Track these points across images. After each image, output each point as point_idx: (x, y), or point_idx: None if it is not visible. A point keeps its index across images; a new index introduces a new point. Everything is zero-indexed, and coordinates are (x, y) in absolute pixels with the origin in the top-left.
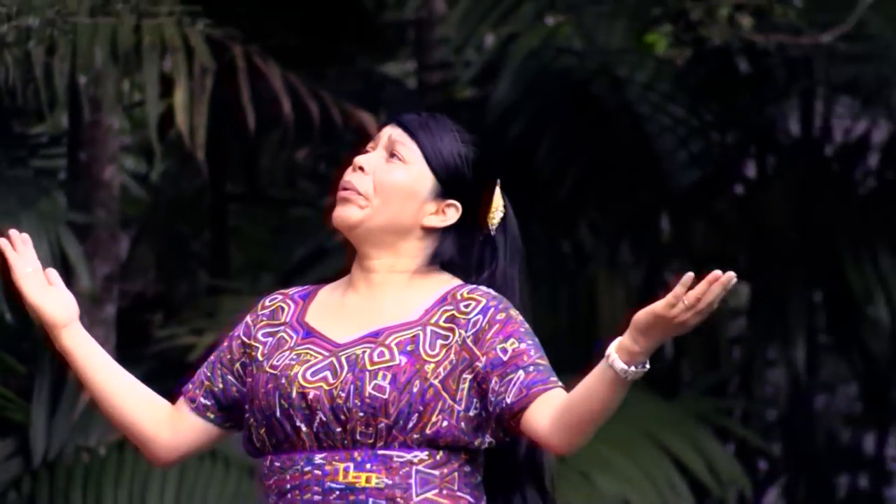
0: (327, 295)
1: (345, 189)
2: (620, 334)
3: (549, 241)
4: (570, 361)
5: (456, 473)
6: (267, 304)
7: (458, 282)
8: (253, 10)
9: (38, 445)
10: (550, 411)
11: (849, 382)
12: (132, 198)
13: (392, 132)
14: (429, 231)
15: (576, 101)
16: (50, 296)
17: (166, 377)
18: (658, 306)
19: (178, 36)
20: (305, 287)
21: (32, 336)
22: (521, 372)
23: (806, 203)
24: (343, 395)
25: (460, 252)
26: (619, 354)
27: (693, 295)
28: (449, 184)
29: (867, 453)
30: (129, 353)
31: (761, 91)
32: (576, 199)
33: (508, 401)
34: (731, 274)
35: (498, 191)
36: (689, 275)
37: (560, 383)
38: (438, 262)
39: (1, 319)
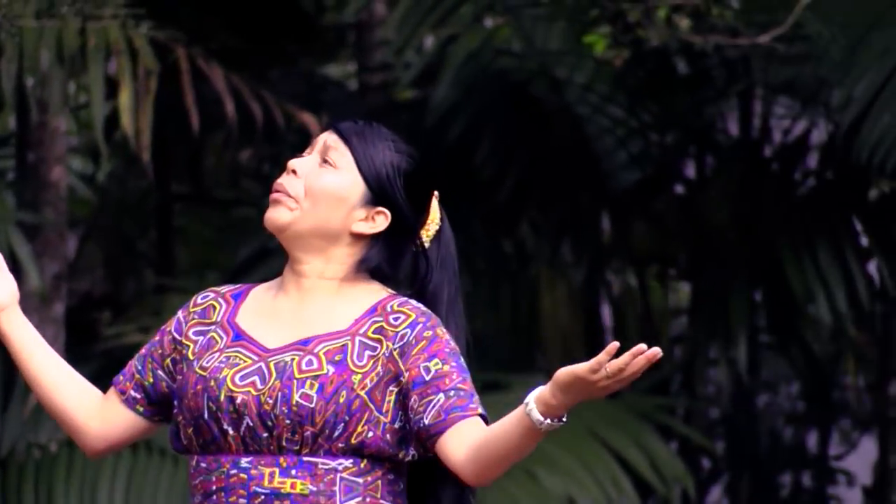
0: (260, 296)
1: (276, 191)
2: (562, 336)
3: (490, 240)
4: (512, 360)
5: (380, 481)
6: (199, 301)
7: (388, 293)
8: (195, 13)
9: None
10: (466, 442)
11: (790, 381)
12: (79, 198)
13: (328, 138)
14: (358, 238)
15: (515, 103)
16: None
17: (114, 374)
18: (580, 369)
19: (122, 39)
20: (238, 286)
21: None
22: (441, 395)
23: (746, 203)
24: (270, 401)
25: (390, 261)
26: (538, 405)
27: (616, 365)
28: (379, 191)
29: (810, 452)
30: (77, 351)
31: (700, 92)
32: (517, 199)
33: (426, 422)
34: (657, 350)
35: (435, 203)
36: (615, 344)
37: (480, 409)
38: (366, 268)
39: None
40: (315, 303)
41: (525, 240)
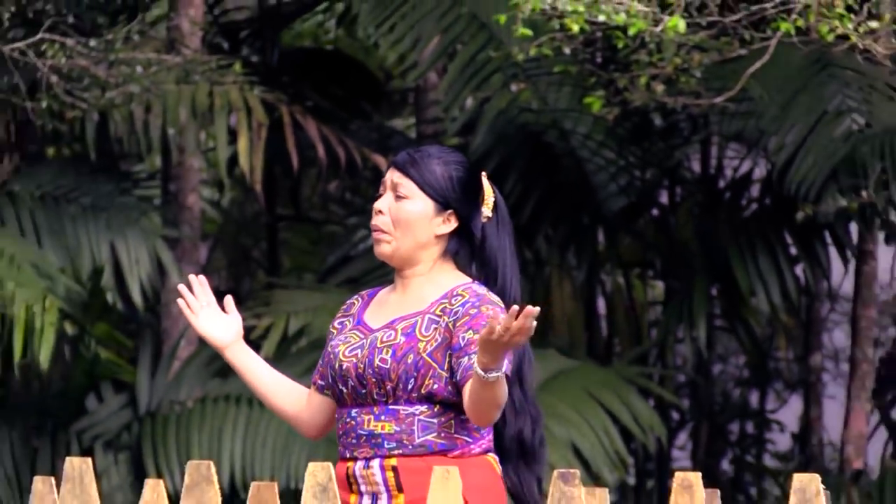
0: (383, 294)
1: (374, 231)
2: (568, 321)
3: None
4: (531, 338)
5: (453, 421)
6: (348, 303)
7: (464, 280)
8: (295, 79)
9: (143, 399)
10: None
11: (738, 354)
12: (209, 218)
13: (392, 175)
14: (440, 237)
15: (533, 147)
16: (215, 324)
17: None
18: (484, 333)
19: (240, 99)
20: (374, 288)
21: (138, 320)
22: (465, 358)
23: (705, 222)
24: (362, 366)
25: (467, 242)
26: (478, 364)
27: (504, 324)
28: (443, 200)
29: (752, 407)
30: None
31: (671, 139)
32: (534, 219)
33: (457, 378)
34: (533, 309)
35: (486, 183)
36: (514, 308)
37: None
38: (450, 255)
39: (115, 308)
40: (412, 292)
41: (540, 249)
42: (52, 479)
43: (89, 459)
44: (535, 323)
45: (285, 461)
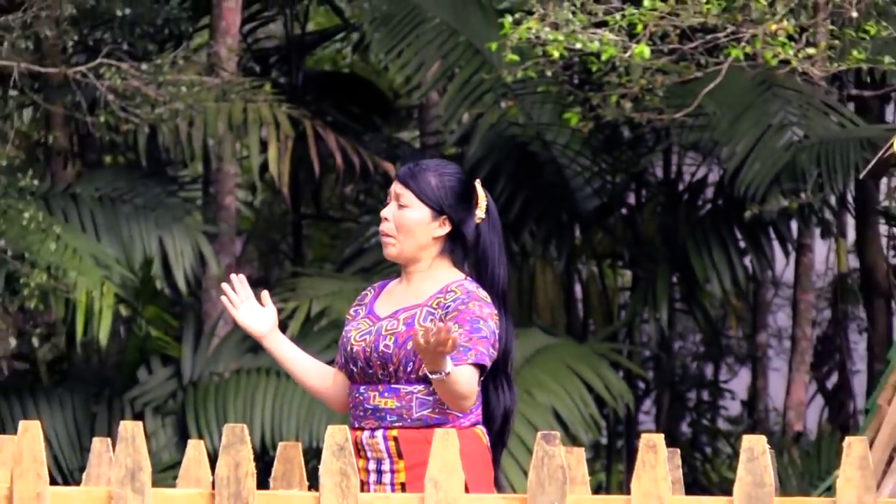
0: (392, 285)
1: (382, 235)
2: (549, 305)
3: (504, 243)
4: (517, 320)
5: None
6: (363, 293)
7: (458, 276)
8: (316, 98)
9: (186, 371)
10: None
11: (695, 333)
12: (243, 216)
13: (396, 188)
14: (437, 238)
15: (520, 156)
16: (254, 317)
17: None
18: (413, 343)
19: (270, 115)
20: (387, 279)
21: (182, 303)
22: None
23: (666, 220)
24: (369, 350)
25: (460, 242)
26: (426, 367)
27: (424, 337)
28: (438, 208)
29: (707, 378)
30: None
31: (637, 149)
32: (520, 217)
33: None
34: (444, 326)
35: (479, 188)
36: (439, 325)
37: (469, 360)
38: (447, 253)
39: (162, 293)
40: (414, 286)
41: (525, 243)
42: (109, 440)
43: (140, 423)
44: (454, 334)
45: (308, 424)
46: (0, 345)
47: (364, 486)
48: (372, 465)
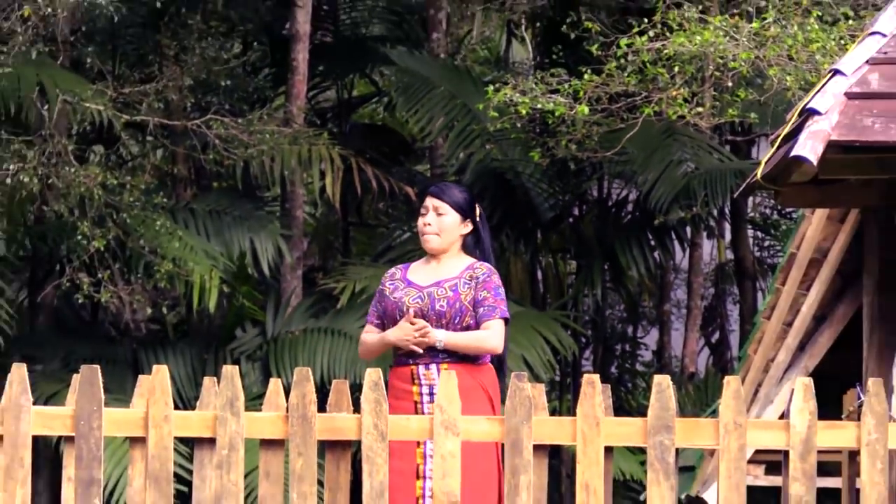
0: (417, 265)
1: (427, 234)
2: (519, 285)
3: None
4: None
5: None
6: (388, 274)
7: (473, 260)
8: (360, 142)
9: (269, 331)
10: None
11: (620, 304)
12: (308, 223)
13: (432, 201)
14: (462, 235)
15: (499, 182)
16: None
17: (322, 301)
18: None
19: (327, 154)
20: (406, 264)
21: (266, 283)
22: (481, 308)
23: (600, 226)
24: (426, 308)
25: (473, 238)
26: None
27: (417, 343)
28: (463, 214)
29: (628, 335)
30: (308, 291)
31: (580, 177)
32: (500, 224)
33: (478, 320)
34: (417, 322)
35: (477, 206)
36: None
37: (497, 315)
38: (463, 246)
39: (252, 276)
40: (444, 265)
41: (503, 242)
42: (215, 379)
43: (236, 367)
44: (423, 327)
45: (353, 368)
46: (140, 312)
47: (417, 406)
48: (426, 390)
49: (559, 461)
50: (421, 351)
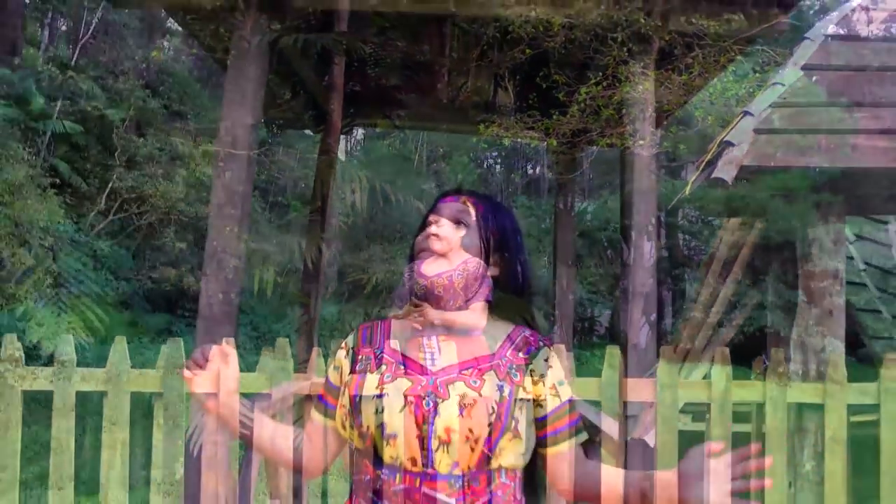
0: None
1: (436, 240)
2: None
3: None
4: None
5: None
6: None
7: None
8: (379, 167)
9: (311, 311)
10: None
11: (581, 291)
12: (342, 229)
13: (434, 216)
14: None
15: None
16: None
17: (353, 289)
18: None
19: (356, 175)
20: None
21: (308, 274)
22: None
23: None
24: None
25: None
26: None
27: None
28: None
29: (588, 315)
30: (341, 281)
31: (550, 194)
32: None
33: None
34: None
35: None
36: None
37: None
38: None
39: (297, 269)
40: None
41: None
42: (272, 349)
43: (287, 339)
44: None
45: None
46: (213, 297)
47: None
48: None
49: None
50: None
